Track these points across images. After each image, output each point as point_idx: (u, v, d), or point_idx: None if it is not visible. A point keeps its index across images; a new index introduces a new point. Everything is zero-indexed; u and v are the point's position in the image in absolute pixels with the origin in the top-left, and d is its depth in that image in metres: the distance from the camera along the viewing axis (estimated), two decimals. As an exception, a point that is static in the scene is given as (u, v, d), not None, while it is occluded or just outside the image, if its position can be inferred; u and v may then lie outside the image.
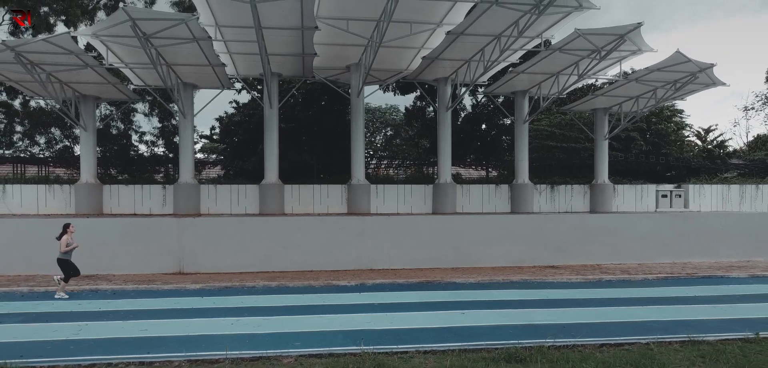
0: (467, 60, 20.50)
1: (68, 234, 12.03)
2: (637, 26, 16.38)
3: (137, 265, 15.12)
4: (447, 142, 23.14)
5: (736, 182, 26.96)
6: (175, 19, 15.45)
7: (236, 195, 22.71)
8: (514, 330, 8.95)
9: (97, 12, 24.95)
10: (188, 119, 21.69)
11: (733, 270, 16.17)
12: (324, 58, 20.73)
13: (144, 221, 17.12)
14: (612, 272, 15.65)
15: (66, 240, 11.95)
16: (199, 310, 10.70)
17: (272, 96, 21.40)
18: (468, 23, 17.12)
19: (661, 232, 18.08)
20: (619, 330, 9.02)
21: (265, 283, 13.57)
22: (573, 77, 20.45)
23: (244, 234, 16.01)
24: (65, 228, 12.08)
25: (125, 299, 11.80)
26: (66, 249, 11.93)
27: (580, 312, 10.61)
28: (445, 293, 12.39)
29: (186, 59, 18.53)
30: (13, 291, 12.71)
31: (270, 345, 8.03)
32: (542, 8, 15.12)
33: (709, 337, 8.55)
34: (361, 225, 16.73)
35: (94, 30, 16.13)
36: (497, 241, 16.81)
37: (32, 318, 10.04)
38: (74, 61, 16.91)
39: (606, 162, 24.99)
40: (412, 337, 8.49)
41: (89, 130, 21.38)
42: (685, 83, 19.86)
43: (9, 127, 27.43)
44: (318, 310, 10.66)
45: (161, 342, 8.27)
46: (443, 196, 23.22)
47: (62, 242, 11.91)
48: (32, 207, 21.79)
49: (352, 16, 17.07)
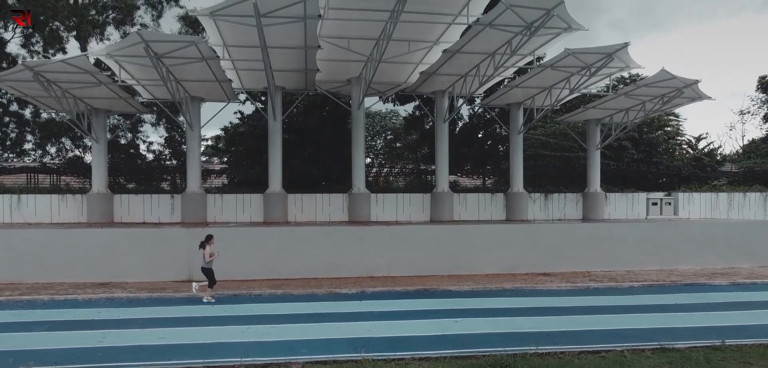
0: (463, 75, 21.36)
1: (210, 245, 12.78)
2: (624, 46, 17.23)
3: (149, 273, 15.81)
4: (444, 152, 24.00)
5: (725, 190, 27.80)
6: (185, 41, 16.34)
7: (241, 204, 23.58)
8: (502, 338, 9.68)
9: (106, 27, 25.83)
10: (195, 131, 22.57)
11: (716, 277, 16.78)
12: (326, 73, 21.58)
13: (155, 231, 17.86)
14: (600, 279, 16.32)
15: (209, 250, 12.74)
16: (212, 318, 11.40)
17: (276, 109, 22.25)
18: (464, 42, 17.99)
19: (649, 240, 18.74)
20: (598, 338, 9.72)
21: (270, 291, 14.24)
22: (565, 91, 21.31)
23: (250, 243, 16.72)
24: (207, 239, 12.83)
25: (141, 307, 12.45)
26: (210, 258, 12.75)
27: (564, 319, 11.33)
28: (440, 301, 13.10)
29: (194, 75, 19.41)
30: (35, 300, 13.32)
31: (279, 351, 8.76)
32: (533, 30, 15.96)
33: (679, 344, 9.23)
34: (361, 234, 17.48)
35: (108, 50, 17.01)
36: (492, 249, 17.50)
37: (58, 326, 10.72)
38: (89, 79, 17.79)
39: (598, 171, 25.85)
40: (408, 344, 9.20)
41: (101, 142, 22.27)
42: (672, 97, 20.73)
43: (20, 136, 28.30)
44: (322, 318, 11.35)
45: (181, 349, 9.00)
46: (441, 205, 24.08)
47: (206, 252, 12.71)
48: (46, 216, 22.67)
49: (352, 36, 17.91)
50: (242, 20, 14.82)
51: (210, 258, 12.74)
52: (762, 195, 26.62)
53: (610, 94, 21.47)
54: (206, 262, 12.75)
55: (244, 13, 14.33)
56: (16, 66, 15.81)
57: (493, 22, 15.95)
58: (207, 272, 12.83)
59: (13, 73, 16.84)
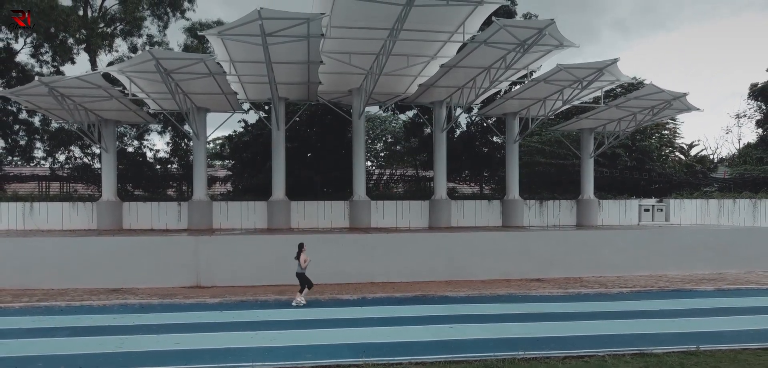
0: (460, 86, 22.13)
1: (304, 253, 13.82)
2: (613, 61, 18.01)
3: (159, 279, 16.35)
4: (442, 161, 24.78)
5: (716, 197, 28.57)
6: (194, 58, 17.12)
7: (246, 211, 24.34)
8: (494, 343, 10.20)
9: (115, 39, 26.60)
10: (201, 140, 23.34)
11: (703, 283, 17.22)
12: (328, 84, 22.33)
13: (164, 238, 18.50)
14: (591, 285, 16.76)
15: (303, 257, 13.75)
16: (222, 324, 11.91)
17: (279, 119, 23.00)
18: (460, 57, 18.76)
19: (640, 246, 19.28)
20: (583, 343, 10.22)
21: (276, 297, 14.68)
22: (559, 102, 22.06)
23: (256, 250, 17.29)
24: (301, 248, 13.89)
25: (153, 313, 13.00)
26: (304, 265, 13.74)
27: (553, 325, 11.80)
28: (437, 307, 13.67)
29: (201, 88, 20.19)
30: (53, 305, 13.87)
31: (286, 356, 9.36)
32: (527, 47, 16.72)
33: (657, 350, 9.76)
34: (361, 242, 18.17)
35: (121, 67, 17.82)
36: (487, 256, 18.03)
37: (78, 332, 11.25)
38: (101, 93, 18.58)
39: (591, 178, 26.61)
40: (406, 350, 9.78)
41: (110, 152, 23.07)
42: (661, 109, 21.49)
43: (30, 144, 29.06)
44: (325, 324, 11.95)
45: (196, 354, 9.61)
46: (439, 212, 24.84)
47: (301, 260, 13.73)
48: (57, 223, 23.43)
49: (353, 51, 18.65)
50: (249, 39, 15.57)
51: (304, 265, 13.78)
52: (751, 201, 27.36)
53: (601, 105, 22.25)
54: (301, 269, 13.77)
55: (250, 32, 15.08)
56: (32, 81, 16.57)
57: (488, 39, 16.72)
58: (301, 277, 13.82)
59: (30, 88, 17.66)
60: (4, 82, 27.73)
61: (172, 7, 27.45)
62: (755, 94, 38.31)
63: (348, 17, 15.97)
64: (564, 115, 28.30)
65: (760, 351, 9.87)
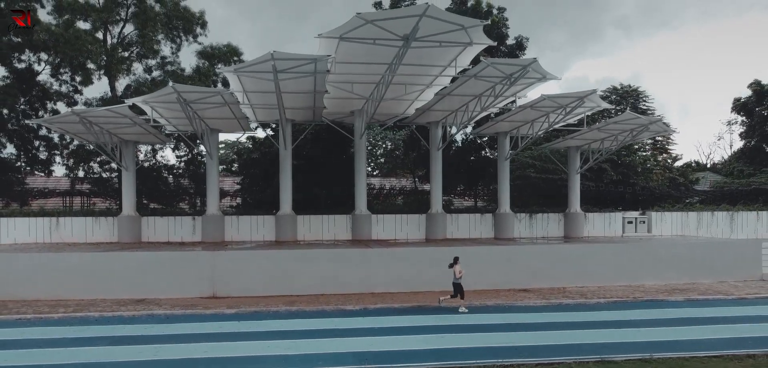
0: (455, 110, 23.89)
1: (458, 265, 15.39)
2: (593, 91, 19.76)
3: (178, 290, 17.73)
4: (438, 178, 26.52)
5: (697, 209, 30.25)
6: (211, 92, 18.90)
7: (256, 225, 26.06)
8: (479, 352, 11.55)
9: (132, 63, 28.29)
10: (214, 159, 25.09)
11: (675, 293, 18.40)
12: (331, 107, 24.05)
13: (184, 252, 19.86)
14: (572, 296, 17.94)
15: (458, 269, 15.33)
16: (240, 334, 13.31)
17: (287, 140, 24.72)
18: (453, 87, 20.52)
19: (620, 258, 20.54)
20: (554, 352, 11.50)
21: (286, 307, 16.10)
22: (545, 124, 23.78)
23: (267, 263, 18.69)
24: (455, 260, 15.47)
25: (178, 323, 14.35)
26: (459, 276, 15.35)
27: (532, 335, 13.07)
28: (431, 317, 15.01)
29: (215, 114, 21.97)
30: (87, 316, 15.25)
31: (300, 364, 10.84)
32: (513, 80, 18.43)
33: (618, 357, 11.09)
34: (363, 254, 19.54)
35: (145, 98, 19.57)
36: (479, 267, 19.05)
37: (116, 341, 12.61)
38: (127, 121, 20.32)
39: (578, 193, 28.33)
40: (404, 357, 11.16)
41: (130, 170, 24.81)
42: (640, 131, 23.20)
43: (49, 158, 30.76)
44: (332, 334, 13.37)
45: (226, 362, 11.09)
46: (435, 224, 26.56)
47: (455, 270, 15.36)
48: (81, 237, 25.17)
49: (356, 81, 20.35)
50: (261, 75, 17.28)
51: (459, 276, 15.35)
52: (728, 214, 29.02)
53: (584, 128, 23.99)
54: (456, 279, 15.37)
55: (263, 70, 16.79)
56: (65, 112, 18.34)
57: (478, 74, 18.45)
58: (457, 287, 15.44)
59: (63, 118, 19.45)
60: (26, 100, 29.42)
61: (185, 32, 29.11)
62: (738, 108, 39.60)
63: (351, 55, 17.66)
64: (553, 132, 29.98)
65: (706, 359, 11.16)
